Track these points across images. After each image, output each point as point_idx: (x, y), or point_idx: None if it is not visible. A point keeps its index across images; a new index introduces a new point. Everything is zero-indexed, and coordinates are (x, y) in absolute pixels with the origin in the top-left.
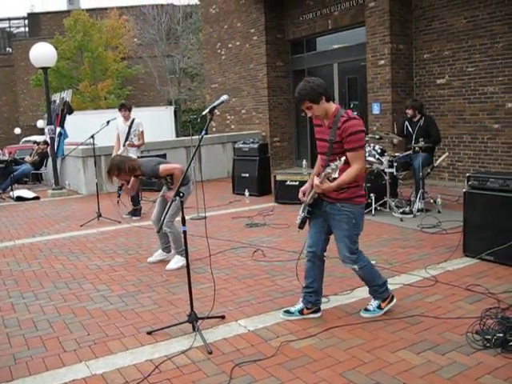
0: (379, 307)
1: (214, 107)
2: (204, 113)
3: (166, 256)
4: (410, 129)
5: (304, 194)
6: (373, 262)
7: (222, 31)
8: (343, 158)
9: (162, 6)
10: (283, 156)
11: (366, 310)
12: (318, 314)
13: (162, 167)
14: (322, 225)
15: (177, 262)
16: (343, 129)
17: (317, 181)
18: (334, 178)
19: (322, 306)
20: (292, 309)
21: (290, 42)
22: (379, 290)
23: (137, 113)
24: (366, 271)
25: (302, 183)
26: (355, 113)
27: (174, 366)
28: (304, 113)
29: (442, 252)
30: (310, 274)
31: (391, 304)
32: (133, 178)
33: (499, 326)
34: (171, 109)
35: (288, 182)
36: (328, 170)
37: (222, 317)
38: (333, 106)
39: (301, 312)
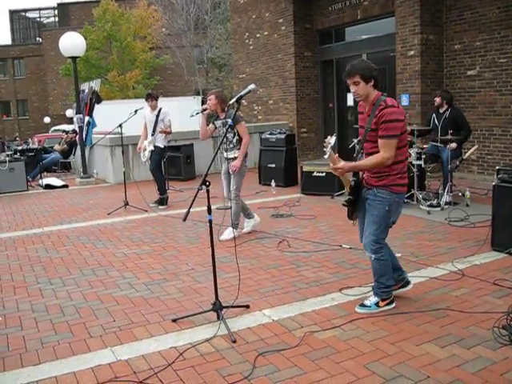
0: (377, 304)
1: (241, 96)
2: (231, 102)
3: (254, 221)
4: (436, 121)
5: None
6: (397, 255)
7: (250, 21)
8: (334, 135)
9: None
10: (310, 147)
11: (363, 305)
12: (409, 287)
13: (244, 124)
14: (365, 215)
15: (229, 233)
16: (379, 116)
17: (331, 164)
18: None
19: (346, 299)
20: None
21: (319, 32)
22: (383, 288)
23: (164, 102)
24: (380, 264)
25: (329, 174)
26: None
27: (198, 354)
28: (347, 88)
29: (470, 246)
30: None
31: (390, 306)
32: (203, 117)
33: None
34: (199, 99)
35: (315, 173)
36: (324, 144)
37: (247, 306)
38: (375, 93)
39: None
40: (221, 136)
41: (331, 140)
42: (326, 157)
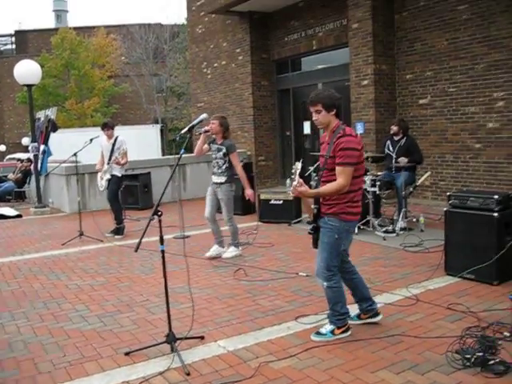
0: (332, 332)
1: (193, 126)
2: (183, 131)
3: (221, 251)
4: (391, 148)
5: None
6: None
7: (208, 50)
8: (300, 161)
9: (150, 25)
10: (268, 175)
11: (319, 333)
12: (378, 318)
13: (236, 153)
14: None
15: (231, 251)
16: (336, 143)
17: (292, 187)
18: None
19: (302, 327)
20: (352, 313)
21: (275, 61)
22: (337, 316)
23: (123, 131)
24: (333, 291)
25: (286, 202)
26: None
27: None
28: (311, 115)
29: (424, 271)
30: (348, 288)
31: (345, 334)
32: (203, 137)
33: (479, 345)
34: (157, 127)
35: (272, 201)
36: (292, 170)
37: (202, 337)
38: (335, 122)
39: (358, 317)
40: (213, 159)
41: (298, 165)
42: (294, 183)
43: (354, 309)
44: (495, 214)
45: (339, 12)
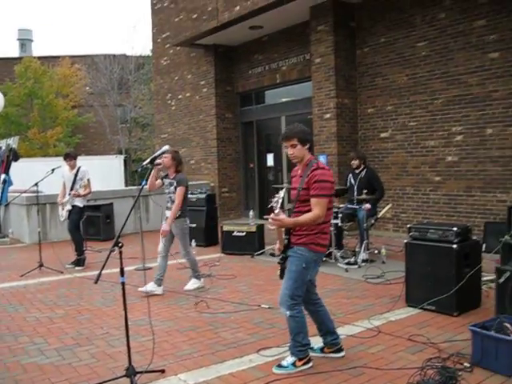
0: (294, 364)
1: (155, 157)
2: (145, 163)
3: (156, 290)
4: (352, 180)
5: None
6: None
7: (172, 82)
8: (283, 191)
9: (115, 56)
10: (231, 206)
11: (280, 366)
12: (341, 354)
13: (182, 189)
14: None
15: (193, 283)
16: (311, 176)
17: (272, 215)
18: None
19: (264, 360)
20: (315, 346)
21: (239, 94)
22: (298, 347)
23: (86, 161)
24: (296, 321)
25: (249, 234)
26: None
27: None
28: (287, 149)
29: (386, 302)
30: (313, 320)
31: (307, 366)
32: (155, 171)
33: (439, 376)
34: (121, 158)
35: (235, 233)
36: (273, 202)
37: (162, 371)
38: (309, 156)
39: (322, 350)
40: (166, 194)
41: (281, 194)
42: (276, 211)
43: (317, 341)
44: (454, 246)
45: (302, 47)
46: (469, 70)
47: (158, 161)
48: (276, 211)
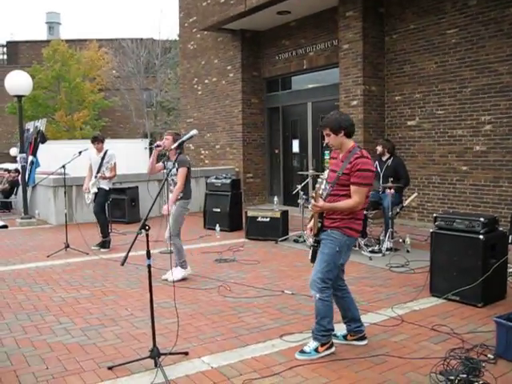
0: (316, 350)
1: (183, 141)
2: (173, 147)
3: (185, 272)
4: (378, 168)
5: (311, 230)
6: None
7: (199, 67)
8: (324, 182)
9: (142, 39)
10: (256, 192)
11: (303, 351)
12: (363, 342)
13: (185, 170)
14: None
15: (179, 272)
16: (354, 163)
17: (313, 201)
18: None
19: (286, 345)
20: (338, 333)
21: (266, 79)
22: (322, 332)
23: (112, 144)
24: (324, 305)
25: (273, 219)
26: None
27: None
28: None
29: (409, 291)
30: (338, 307)
31: (329, 351)
32: (156, 152)
33: (463, 367)
34: (146, 142)
35: (259, 219)
36: (317, 185)
37: (186, 353)
38: (351, 143)
39: (345, 337)
40: (169, 177)
41: (322, 186)
42: (313, 194)
43: (340, 328)
44: (481, 237)
45: (330, 33)
46: (500, 59)
47: (158, 142)
48: (320, 202)
